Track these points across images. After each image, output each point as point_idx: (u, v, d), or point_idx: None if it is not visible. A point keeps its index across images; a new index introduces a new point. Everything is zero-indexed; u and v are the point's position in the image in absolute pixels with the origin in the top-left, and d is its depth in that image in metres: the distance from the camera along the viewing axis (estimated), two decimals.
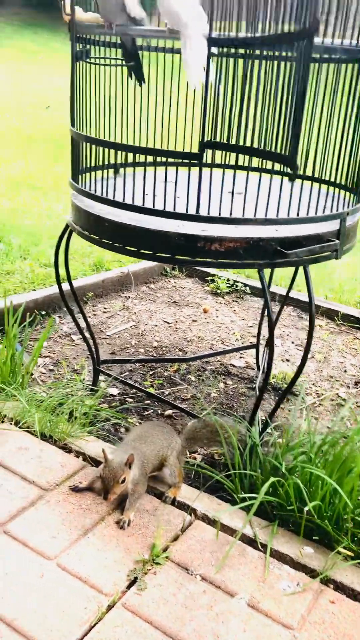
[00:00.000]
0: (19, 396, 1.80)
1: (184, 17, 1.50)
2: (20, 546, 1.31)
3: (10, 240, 3.17)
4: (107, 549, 1.33)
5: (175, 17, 1.51)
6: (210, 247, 1.46)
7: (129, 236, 1.54)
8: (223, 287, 3.01)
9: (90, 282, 2.83)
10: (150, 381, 2.20)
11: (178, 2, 1.49)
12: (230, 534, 1.42)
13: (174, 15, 1.51)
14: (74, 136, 1.67)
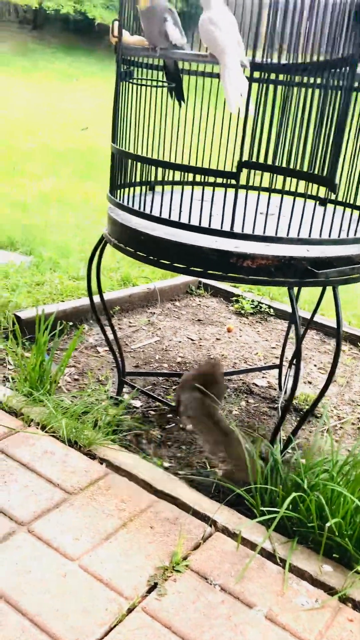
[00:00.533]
0: (47, 402, 1.84)
1: (221, 43, 1.56)
2: (44, 546, 1.34)
3: (41, 252, 3.25)
4: (128, 554, 1.35)
5: (213, 43, 1.57)
6: (242, 264, 1.50)
7: (163, 250, 1.58)
8: (247, 308, 3.05)
9: (117, 296, 2.88)
10: (173, 395, 2.22)
11: (217, 29, 1.55)
12: (249, 547, 1.43)
13: (212, 41, 1.57)
14: (114, 152, 1.73)
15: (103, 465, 1.65)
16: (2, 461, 1.59)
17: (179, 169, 1.53)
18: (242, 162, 1.43)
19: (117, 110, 1.71)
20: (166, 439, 1.94)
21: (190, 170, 1.49)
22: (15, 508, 1.43)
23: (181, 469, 1.80)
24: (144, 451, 1.85)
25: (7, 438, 1.69)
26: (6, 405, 1.85)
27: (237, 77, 1.57)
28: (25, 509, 1.44)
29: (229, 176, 1.45)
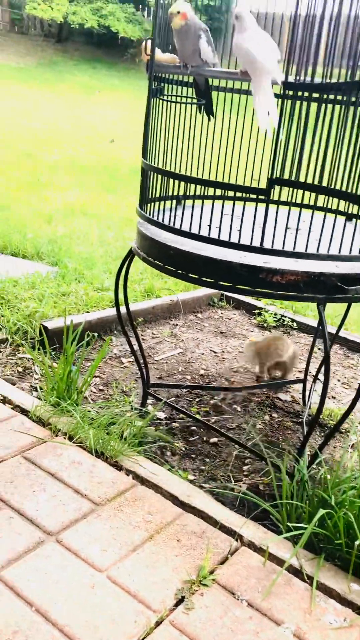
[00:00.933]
0: (74, 412, 1.86)
1: (260, 64, 1.58)
2: (72, 556, 1.35)
3: (66, 263, 3.29)
4: (155, 567, 1.36)
5: (251, 63, 1.59)
6: (271, 279, 1.51)
7: (192, 264, 1.60)
8: (270, 321, 3.05)
9: (141, 307, 2.90)
10: (196, 408, 2.23)
11: (257, 50, 1.57)
12: (276, 562, 1.43)
13: (251, 61, 1.59)
14: (145, 167, 1.76)
15: (129, 476, 1.66)
16: (31, 471, 1.60)
17: (210, 186, 1.54)
18: (272, 178, 1.45)
19: (148, 126, 1.74)
20: (190, 452, 1.95)
21: (220, 186, 1.51)
22: (44, 518, 1.45)
23: (206, 482, 1.80)
24: (169, 463, 1.86)
25: (35, 448, 1.71)
26: (34, 415, 1.87)
27: (269, 96, 1.59)
28: (53, 519, 1.45)
29: (260, 193, 1.46)
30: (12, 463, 1.63)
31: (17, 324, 2.49)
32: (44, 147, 7.57)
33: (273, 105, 1.56)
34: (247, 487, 1.81)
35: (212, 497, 1.65)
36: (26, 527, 1.41)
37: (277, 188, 1.88)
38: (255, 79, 1.57)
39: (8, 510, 1.46)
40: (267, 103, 1.57)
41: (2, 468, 1.61)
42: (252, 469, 1.91)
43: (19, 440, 1.73)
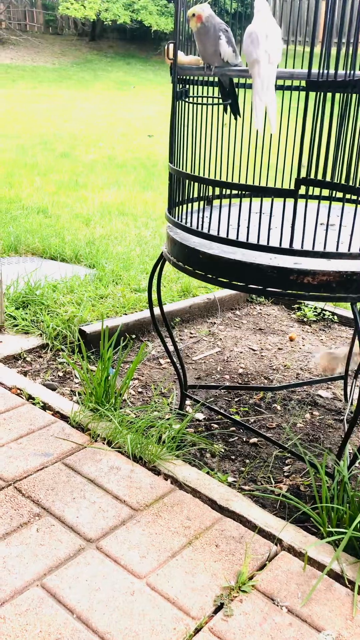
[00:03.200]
0: (112, 417, 1.88)
1: (251, 55, 1.57)
2: (112, 563, 1.38)
3: (104, 265, 3.33)
4: (194, 573, 1.36)
5: (247, 55, 1.58)
6: (303, 280, 1.49)
7: (222, 268, 1.59)
8: (310, 315, 3.00)
9: (177, 307, 2.91)
10: (235, 408, 2.22)
11: (250, 41, 1.55)
12: (316, 567, 1.42)
13: (246, 52, 1.58)
14: (172, 172, 1.76)
15: (168, 481, 1.67)
16: (71, 477, 1.64)
17: (237, 188, 1.53)
18: (300, 179, 1.42)
19: (174, 129, 1.73)
20: (230, 453, 1.95)
21: (247, 189, 1.49)
22: (84, 525, 1.48)
23: (245, 484, 1.80)
24: (208, 465, 1.86)
25: (75, 454, 1.75)
26: (74, 420, 1.91)
27: (266, 89, 1.56)
28: (93, 525, 1.48)
29: (287, 194, 1.44)
30: (53, 470, 1.67)
31: (56, 329, 2.53)
32: (81, 146, 7.65)
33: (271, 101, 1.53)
34: (287, 488, 1.79)
35: (251, 501, 1.65)
36: (67, 534, 1.45)
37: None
38: (252, 70, 1.55)
39: (49, 517, 1.49)
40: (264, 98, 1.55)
41: (44, 475, 1.65)
42: (292, 469, 1.90)
43: (60, 447, 1.77)
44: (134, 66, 15.84)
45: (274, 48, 1.57)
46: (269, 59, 1.57)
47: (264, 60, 1.56)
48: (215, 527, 1.51)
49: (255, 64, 1.56)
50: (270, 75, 1.57)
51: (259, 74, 1.57)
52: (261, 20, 1.55)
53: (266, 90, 1.58)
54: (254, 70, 1.57)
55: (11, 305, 2.72)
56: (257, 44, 1.55)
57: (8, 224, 4.00)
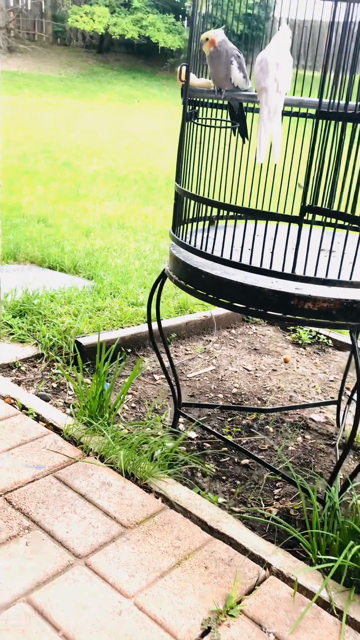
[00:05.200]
0: (105, 432, 1.88)
1: (259, 82, 1.60)
2: (100, 581, 1.37)
3: (102, 277, 3.33)
4: (182, 594, 1.36)
5: (256, 82, 1.61)
6: (303, 306, 1.50)
7: (223, 289, 1.60)
8: (305, 338, 3.02)
9: (174, 323, 2.92)
10: (228, 428, 2.22)
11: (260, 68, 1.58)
12: (304, 594, 1.41)
13: (256, 79, 1.61)
14: (178, 192, 1.77)
15: (159, 499, 1.66)
16: (62, 491, 1.63)
17: (242, 212, 1.55)
18: (305, 206, 1.44)
19: (182, 150, 1.75)
20: (221, 473, 1.95)
21: (252, 213, 1.51)
22: (73, 540, 1.47)
23: (236, 505, 1.80)
24: (199, 485, 1.86)
25: (67, 467, 1.74)
26: (66, 434, 1.90)
27: (272, 118, 1.59)
28: (82, 541, 1.47)
29: (292, 220, 1.45)
30: (44, 483, 1.66)
31: (52, 340, 2.53)
32: (83, 157, 7.69)
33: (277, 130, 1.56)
34: (277, 511, 1.79)
35: (241, 523, 1.64)
36: (56, 549, 1.44)
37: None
38: (259, 98, 1.57)
39: (39, 531, 1.48)
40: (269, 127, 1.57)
41: (35, 487, 1.64)
42: (283, 492, 1.89)
43: (52, 459, 1.76)
44: (139, 80, 15.98)
45: (283, 77, 1.60)
46: (278, 87, 1.59)
47: (272, 88, 1.59)
48: (205, 549, 1.50)
49: (263, 92, 1.59)
50: (278, 104, 1.60)
51: (266, 103, 1.59)
52: (274, 48, 1.58)
53: (272, 119, 1.60)
54: (261, 97, 1.60)
55: (8, 314, 2.72)
56: (267, 72, 1.58)
57: (8, 231, 4.01)
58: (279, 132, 1.63)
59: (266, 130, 1.60)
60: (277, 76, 1.58)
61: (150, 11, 15.53)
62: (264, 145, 1.62)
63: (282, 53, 1.59)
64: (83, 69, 16.07)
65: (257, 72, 1.60)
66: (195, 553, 1.48)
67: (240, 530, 1.58)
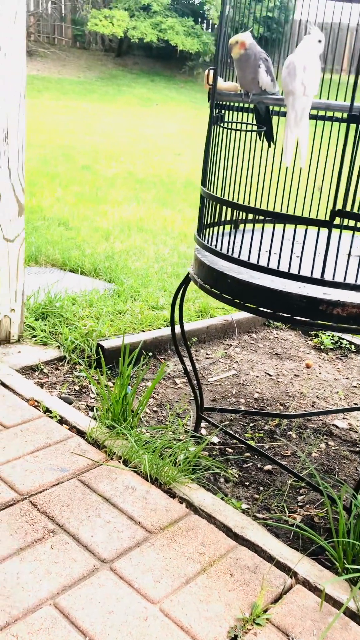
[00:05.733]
0: (129, 436, 1.88)
1: (286, 86, 1.59)
2: (126, 585, 1.36)
3: (122, 281, 3.34)
4: (208, 601, 1.35)
5: (283, 85, 1.60)
6: (332, 311, 1.48)
7: (250, 294, 1.59)
8: (327, 343, 2.99)
9: (195, 327, 2.91)
10: (250, 433, 2.21)
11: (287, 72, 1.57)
12: (331, 603, 1.39)
13: (283, 83, 1.60)
14: (204, 195, 1.77)
15: (183, 504, 1.66)
16: (86, 495, 1.63)
17: (268, 216, 1.53)
18: (335, 210, 1.42)
19: (209, 153, 1.75)
20: (244, 479, 1.93)
21: (282, 217, 1.50)
22: (98, 544, 1.46)
23: (259, 512, 1.78)
24: (222, 490, 1.85)
25: (91, 471, 1.74)
26: (90, 437, 1.90)
27: (299, 122, 1.58)
28: (108, 545, 1.47)
29: (321, 224, 1.44)
30: (69, 486, 1.66)
31: (74, 342, 2.54)
32: (102, 160, 7.72)
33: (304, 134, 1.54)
34: (301, 518, 1.77)
35: (266, 530, 1.63)
36: (81, 553, 1.43)
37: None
38: (286, 101, 1.56)
39: (64, 534, 1.48)
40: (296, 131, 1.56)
41: (59, 490, 1.64)
42: (307, 499, 1.88)
43: (76, 463, 1.76)
44: (157, 83, 16.03)
45: (310, 80, 1.58)
46: (305, 90, 1.58)
47: (299, 92, 1.58)
48: (230, 555, 1.49)
49: (290, 95, 1.58)
50: (305, 107, 1.59)
51: (293, 106, 1.58)
52: (302, 52, 1.57)
53: (299, 123, 1.59)
54: (288, 101, 1.59)
55: (31, 316, 2.73)
56: (294, 76, 1.57)
57: (30, 234, 4.03)
58: (305, 136, 1.62)
59: (293, 134, 1.59)
60: (304, 79, 1.57)
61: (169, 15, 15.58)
62: (290, 149, 1.61)
63: (310, 56, 1.57)
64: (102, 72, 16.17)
65: (284, 76, 1.59)
66: (220, 560, 1.47)
67: (265, 537, 1.57)
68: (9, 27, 2.18)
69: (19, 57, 2.24)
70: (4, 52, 2.19)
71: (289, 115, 1.59)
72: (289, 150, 1.56)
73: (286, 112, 1.61)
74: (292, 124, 1.57)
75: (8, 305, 2.49)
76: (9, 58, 2.22)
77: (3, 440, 1.83)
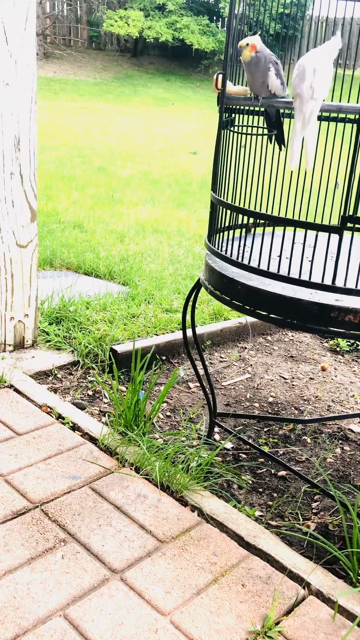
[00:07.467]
0: (141, 443, 1.87)
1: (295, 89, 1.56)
2: (136, 596, 1.35)
3: (136, 283, 3.33)
4: (219, 613, 1.33)
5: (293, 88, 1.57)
6: (344, 318, 1.46)
7: (260, 300, 1.57)
8: (343, 345, 2.95)
9: (209, 330, 2.89)
10: (264, 438, 2.19)
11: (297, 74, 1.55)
12: (345, 615, 1.37)
13: (293, 85, 1.58)
14: (214, 201, 1.75)
15: (194, 513, 1.64)
16: (98, 503, 1.63)
17: (279, 222, 1.51)
18: (346, 216, 1.40)
19: (219, 158, 1.73)
20: (257, 485, 1.91)
21: (291, 223, 1.48)
22: (109, 554, 1.46)
23: (273, 519, 1.76)
24: (235, 497, 1.83)
25: (102, 479, 1.73)
26: (102, 443, 1.90)
27: (306, 125, 1.55)
28: (118, 555, 1.46)
29: (332, 230, 1.42)
30: (80, 494, 1.66)
31: (88, 347, 2.54)
32: (117, 161, 7.74)
33: (311, 137, 1.52)
34: (315, 526, 1.75)
35: (278, 539, 1.61)
36: (92, 563, 1.43)
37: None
38: (295, 104, 1.54)
39: (75, 544, 1.48)
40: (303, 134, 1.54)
41: (71, 499, 1.64)
42: (321, 506, 1.85)
43: (87, 470, 1.76)
44: (173, 83, 16.02)
45: (320, 84, 1.56)
46: (313, 94, 1.55)
47: (307, 95, 1.55)
48: (242, 565, 1.47)
49: (298, 98, 1.55)
50: (313, 111, 1.56)
51: (300, 110, 1.56)
52: (314, 55, 1.54)
53: (306, 126, 1.56)
54: (296, 104, 1.56)
55: (45, 321, 2.74)
56: (303, 79, 1.54)
57: (45, 237, 4.05)
58: (312, 139, 1.59)
59: (299, 137, 1.56)
60: (313, 83, 1.55)
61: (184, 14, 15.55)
62: (296, 152, 1.58)
63: (321, 60, 1.55)
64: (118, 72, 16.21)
65: (294, 78, 1.57)
66: (232, 570, 1.46)
67: (277, 546, 1.55)
68: (20, 34, 2.19)
69: (30, 63, 2.25)
70: (14, 59, 2.20)
71: (297, 118, 1.57)
72: (295, 153, 1.54)
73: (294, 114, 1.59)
74: (299, 127, 1.55)
75: (22, 310, 2.50)
76: (20, 65, 2.22)
77: (16, 447, 1.83)
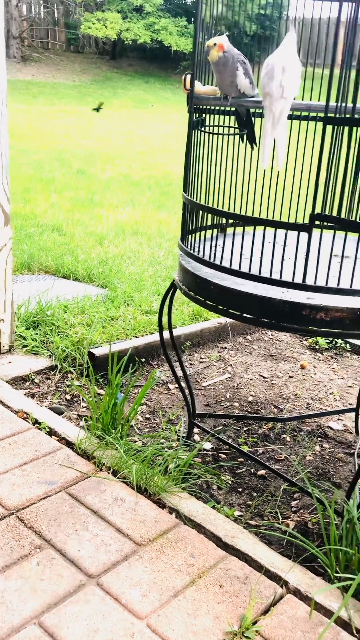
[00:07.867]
0: (118, 446, 1.86)
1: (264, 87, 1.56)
2: (112, 601, 1.34)
3: (116, 286, 3.32)
4: (196, 615, 1.33)
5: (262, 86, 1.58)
6: (315, 316, 1.46)
7: (233, 300, 1.57)
8: (322, 343, 2.96)
9: (188, 331, 2.89)
10: (244, 438, 2.19)
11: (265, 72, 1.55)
12: (322, 613, 1.37)
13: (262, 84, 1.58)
14: (186, 202, 1.75)
15: (172, 515, 1.64)
16: (74, 508, 1.61)
17: (249, 221, 1.51)
18: (314, 214, 1.40)
19: (189, 159, 1.73)
20: (237, 485, 1.91)
21: (261, 222, 1.48)
22: (85, 559, 1.45)
23: (252, 519, 1.76)
24: (214, 498, 1.83)
25: (79, 483, 1.72)
26: (79, 448, 1.89)
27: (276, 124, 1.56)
28: (95, 560, 1.45)
29: (301, 229, 1.42)
30: (56, 499, 1.64)
31: (65, 351, 2.52)
32: (97, 163, 7.71)
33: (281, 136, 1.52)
34: (295, 524, 1.75)
35: (257, 538, 1.61)
36: (68, 569, 1.42)
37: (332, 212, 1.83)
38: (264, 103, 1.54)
39: (51, 550, 1.47)
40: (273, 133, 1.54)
41: (47, 504, 1.62)
42: (301, 504, 1.85)
43: (64, 475, 1.75)
44: (152, 85, 16.02)
45: (289, 82, 1.56)
46: (283, 93, 1.56)
47: (277, 94, 1.55)
48: (220, 566, 1.47)
49: (268, 97, 1.55)
50: (283, 110, 1.56)
51: (270, 109, 1.56)
52: (282, 53, 1.54)
53: (276, 125, 1.57)
54: (265, 103, 1.56)
55: (22, 325, 2.72)
56: (272, 77, 1.55)
57: (22, 241, 4.02)
58: (283, 138, 1.59)
59: (270, 136, 1.57)
60: (282, 81, 1.55)
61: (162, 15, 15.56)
62: (267, 151, 1.59)
63: (289, 58, 1.55)
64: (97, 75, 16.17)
65: (262, 77, 1.57)
66: (209, 571, 1.45)
67: (255, 545, 1.55)
68: None
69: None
70: None
71: (266, 117, 1.57)
72: (265, 152, 1.55)
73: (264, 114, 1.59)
74: (269, 127, 1.55)
75: None
76: None
77: None
